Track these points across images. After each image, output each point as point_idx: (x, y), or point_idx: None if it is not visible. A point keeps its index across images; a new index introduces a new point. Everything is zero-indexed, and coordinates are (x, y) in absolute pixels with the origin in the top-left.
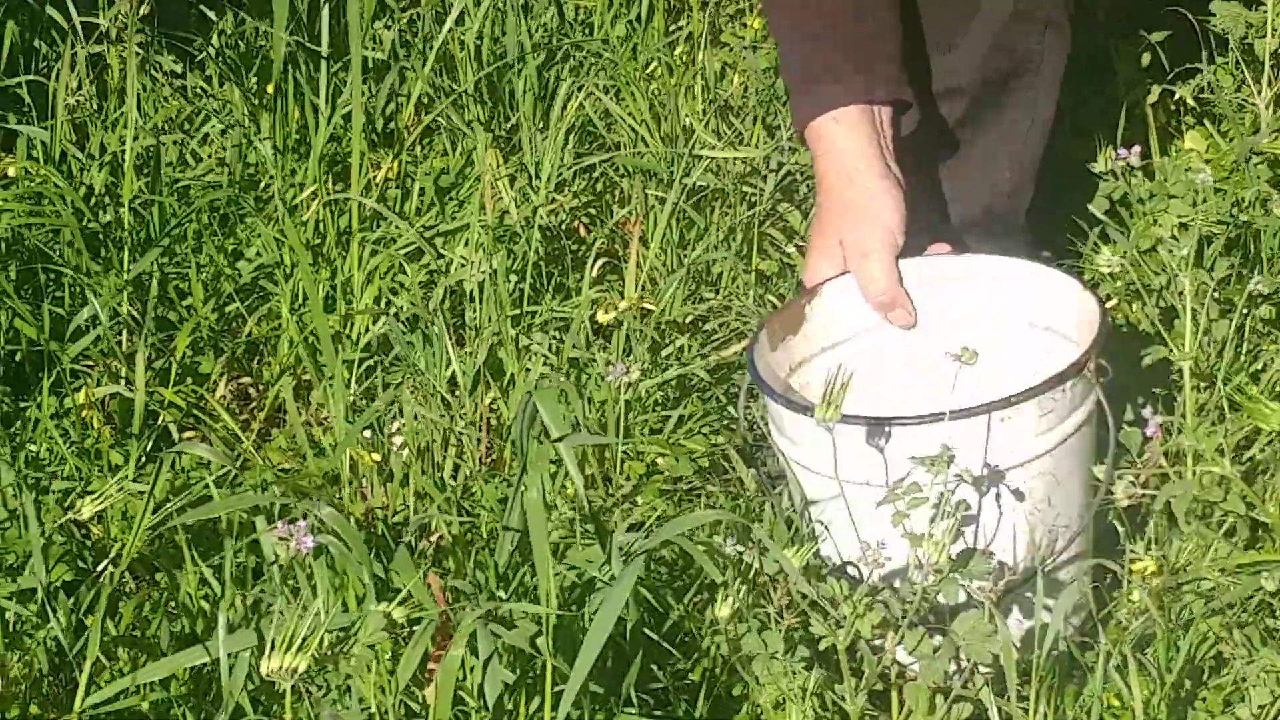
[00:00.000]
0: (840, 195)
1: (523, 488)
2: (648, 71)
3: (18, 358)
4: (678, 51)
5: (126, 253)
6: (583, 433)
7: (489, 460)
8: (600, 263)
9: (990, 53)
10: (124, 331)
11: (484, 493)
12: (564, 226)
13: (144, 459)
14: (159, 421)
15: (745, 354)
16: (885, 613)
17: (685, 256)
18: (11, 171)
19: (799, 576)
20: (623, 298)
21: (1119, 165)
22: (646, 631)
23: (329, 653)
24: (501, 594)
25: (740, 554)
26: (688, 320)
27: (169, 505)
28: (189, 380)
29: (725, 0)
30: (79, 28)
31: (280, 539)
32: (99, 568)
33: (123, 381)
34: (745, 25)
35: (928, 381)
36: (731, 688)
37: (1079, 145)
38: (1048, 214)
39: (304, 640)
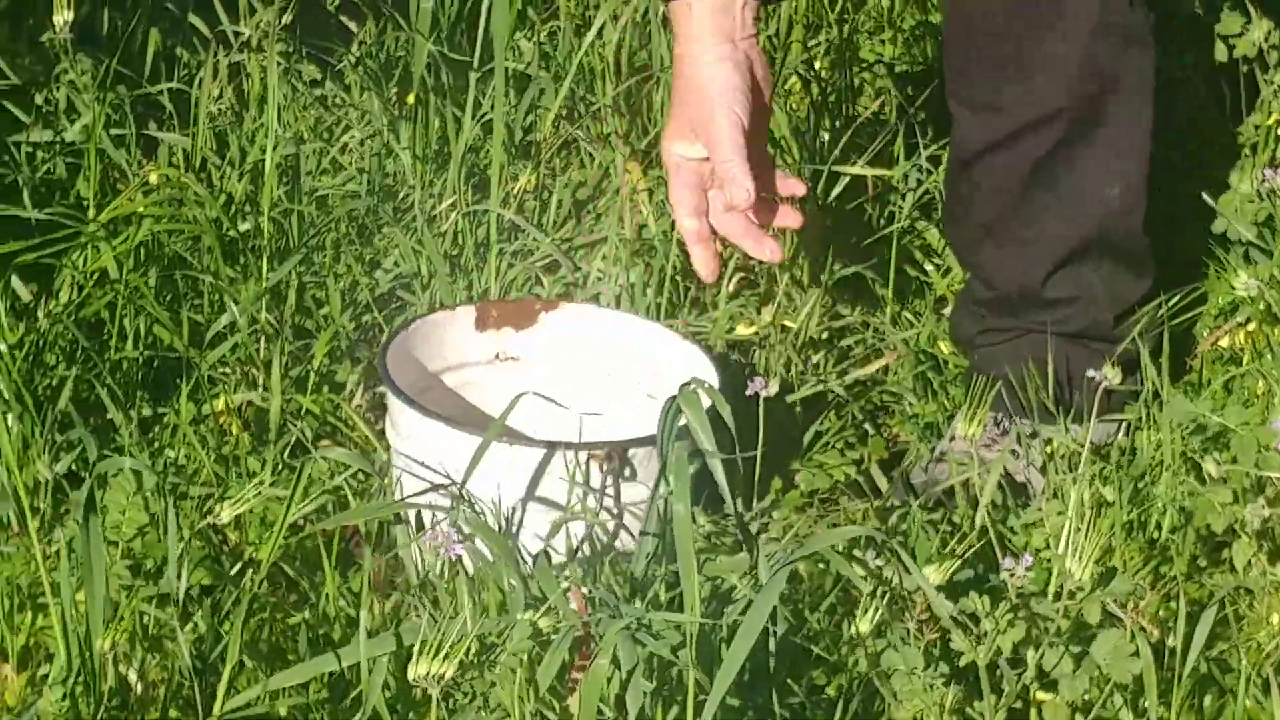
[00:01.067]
0: (683, 74)
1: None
2: (785, 87)
3: (156, 364)
4: (816, 66)
5: (265, 261)
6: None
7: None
8: (737, 278)
9: (1078, 74)
10: (261, 339)
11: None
12: None
13: (281, 466)
14: (296, 429)
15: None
16: (1026, 630)
17: (822, 273)
18: (153, 178)
19: (933, 593)
20: (759, 313)
21: (1265, 187)
22: (778, 643)
23: (475, 660)
24: (638, 603)
25: (880, 569)
26: (824, 337)
27: (304, 511)
28: (325, 389)
29: (863, 16)
30: (222, 35)
31: (430, 545)
32: (236, 572)
33: (260, 389)
34: (884, 41)
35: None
36: (869, 703)
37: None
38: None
39: (451, 647)
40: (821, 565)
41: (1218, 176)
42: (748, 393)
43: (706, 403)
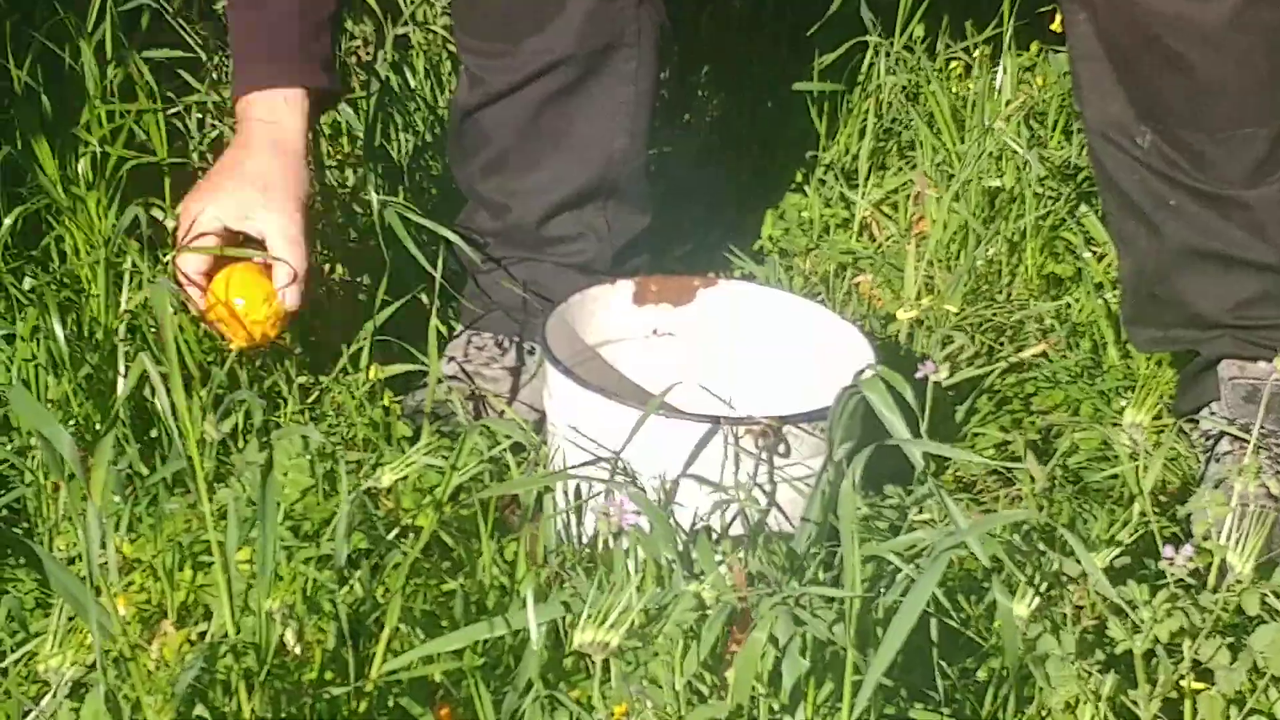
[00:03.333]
0: (268, 163)
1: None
2: (948, 70)
3: (312, 339)
4: (978, 52)
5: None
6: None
7: None
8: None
9: (584, 26)
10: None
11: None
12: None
13: (437, 434)
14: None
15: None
16: (1185, 620)
17: (975, 257)
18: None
19: (1102, 579)
20: (896, 296)
21: None
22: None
23: (640, 630)
24: (795, 582)
25: (1041, 554)
26: (980, 324)
27: (461, 478)
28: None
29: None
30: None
31: (603, 514)
32: (393, 535)
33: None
34: (1048, 29)
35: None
36: (1020, 687)
37: None
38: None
39: (617, 616)
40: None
41: None
42: (917, 375)
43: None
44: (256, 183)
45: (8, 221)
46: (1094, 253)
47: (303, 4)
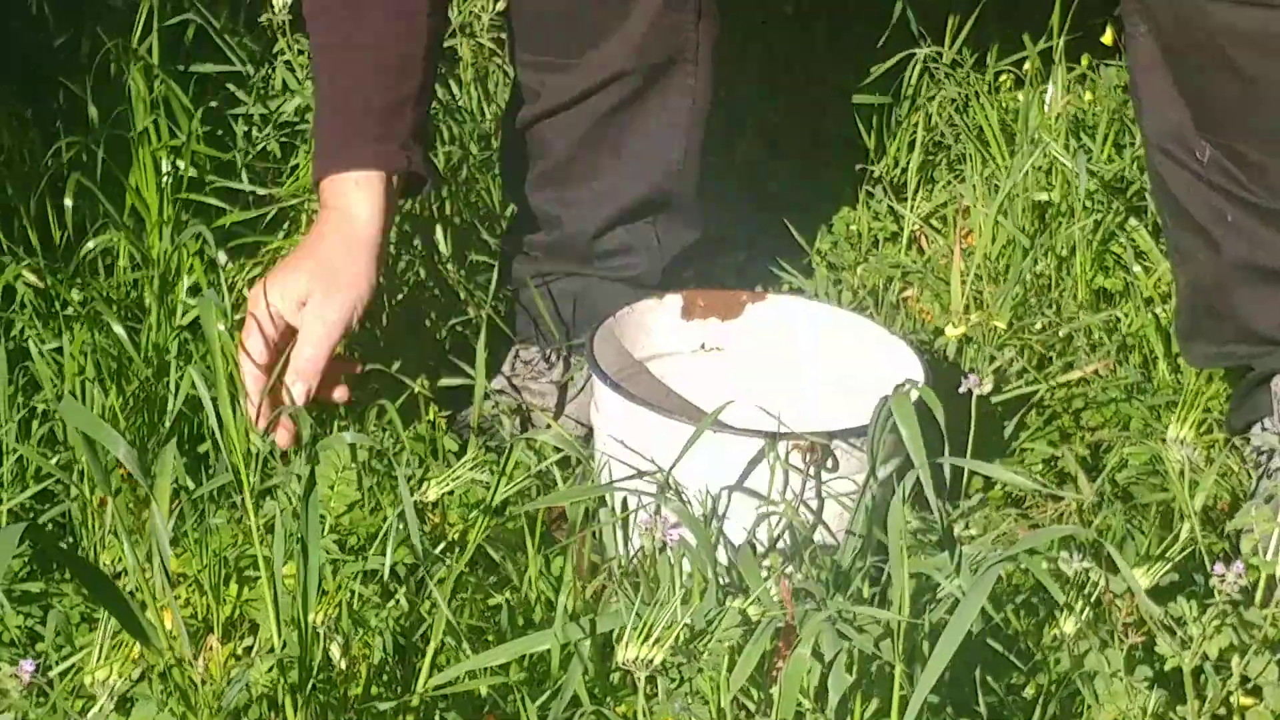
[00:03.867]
0: (335, 252)
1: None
2: (996, 84)
3: (358, 354)
4: (1028, 65)
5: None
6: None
7: None
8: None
9: (646, 39)
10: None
11: None
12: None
13: (483, 448)
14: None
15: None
16: (1234, 636)
17: (1021, 270)
18: None
19: (1145, 599)
20: (945, 310)
21: None
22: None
23: (683, 646)
24: (838, 597)
25: (1087, 570)
26: (1029, 339)
27: (508, 492)
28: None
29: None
30: None
31: (645, 529)
32: (439, 550)
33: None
34: (1099, 42)
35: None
36: (1067, 704)
37: None
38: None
39: (661, 632)
40: (1024, 567)
41: None
42: (960, 390)
43: (917, 401)
44: (318, 279)
45: (90, 245)
46: (1144, 267)
47: (382, 77)
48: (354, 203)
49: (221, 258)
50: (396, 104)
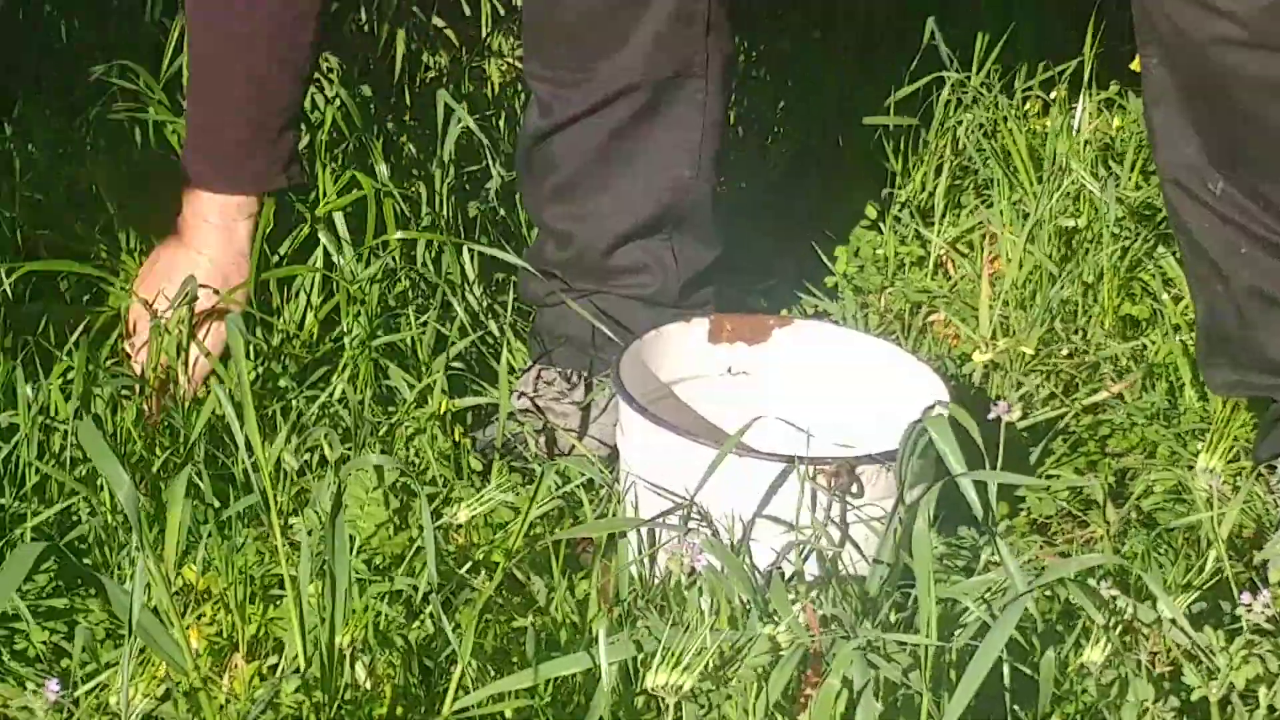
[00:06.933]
0: (210, 257)
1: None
2: (1024, 109)
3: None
4: (1056, 90)
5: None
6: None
7: None
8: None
9: (653, 52)
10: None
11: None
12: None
13: (508, 470)
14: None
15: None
16: (1261, 667)
17: (1049, 297)
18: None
19: (1184, 625)
20: (971, 336)
21: None
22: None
23: (713, 672)
24: (867, 623)
25: (1115, 598)
26: (1056, 366)
27: (535, 515)
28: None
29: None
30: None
31: (672, 556)
32: (465, 570)
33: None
34: (1128, 68)
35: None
36: None
37: None
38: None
39: (692, 658)
40: (1049, 593)
41: None
42: (989, 416)
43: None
44: (214, 279)
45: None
46: (1171, 294)
47: (262, 108)
48: (233, 220)
49: None
50: (277, 130)
